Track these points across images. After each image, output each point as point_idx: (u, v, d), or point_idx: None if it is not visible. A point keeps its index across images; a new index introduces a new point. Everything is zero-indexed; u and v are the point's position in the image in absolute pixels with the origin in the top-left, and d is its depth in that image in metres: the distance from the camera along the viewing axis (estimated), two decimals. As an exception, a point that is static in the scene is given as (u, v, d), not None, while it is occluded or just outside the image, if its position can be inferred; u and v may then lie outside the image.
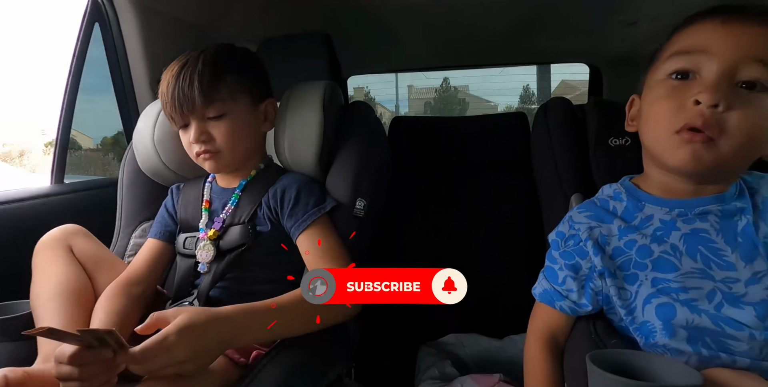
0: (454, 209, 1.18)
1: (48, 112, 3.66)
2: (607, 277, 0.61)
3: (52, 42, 2.48)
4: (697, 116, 0.52)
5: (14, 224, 0.97)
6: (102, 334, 0.47)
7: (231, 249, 0.79)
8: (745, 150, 0.53)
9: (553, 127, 0.86)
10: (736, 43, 0.51)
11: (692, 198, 0.60)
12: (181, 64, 0.78)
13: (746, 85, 0.51)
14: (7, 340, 0.72)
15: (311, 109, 0.86)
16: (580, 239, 0.65)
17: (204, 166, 0.81)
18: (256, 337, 0.61)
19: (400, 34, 1.80)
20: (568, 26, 1.72)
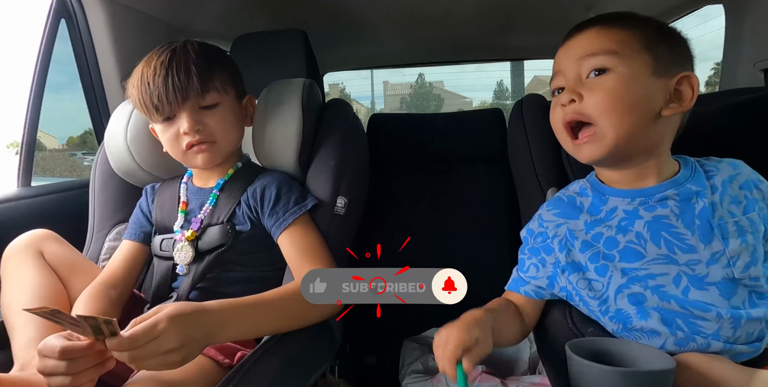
0: (433, 205, 1.20)
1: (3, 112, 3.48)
2: (569, 274, 0.64)
3: (10, 38, 2.36)
4: (567, 114, 0.63)
5: (-21, 229, 0.94)
6: (101, 322, 0.46)
7: (210, 249, 0.78)
8: (619, 119, 0.60)
9: (529, 123, 0.88)
10: (574, 53, 0.63)
11: (649, 186, 0.64)
12: (170, 53, 0.74)
13: (597, 72, 0.61)
14: (-23, 350, 0.69)
15: (290, 107, 0.85)
16: (547, 236, 0.69)
17: (196, 159, 0.77)
18: (239, 331, 0.60)
19: (376, 30, 1.80)
20: (542, 22, 1.75)
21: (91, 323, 0.45)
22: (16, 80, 1.20)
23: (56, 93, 1.23)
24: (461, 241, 1.13)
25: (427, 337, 0.93)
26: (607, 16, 0.65)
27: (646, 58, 0.59)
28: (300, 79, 0.91)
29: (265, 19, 1.55)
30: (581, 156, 0.65)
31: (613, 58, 0.59)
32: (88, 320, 0.45)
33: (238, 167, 0.86)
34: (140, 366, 0.49)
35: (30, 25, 1.16)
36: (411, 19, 1.66)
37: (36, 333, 0.66)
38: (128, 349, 0.48)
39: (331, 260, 0.76)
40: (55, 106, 1.28)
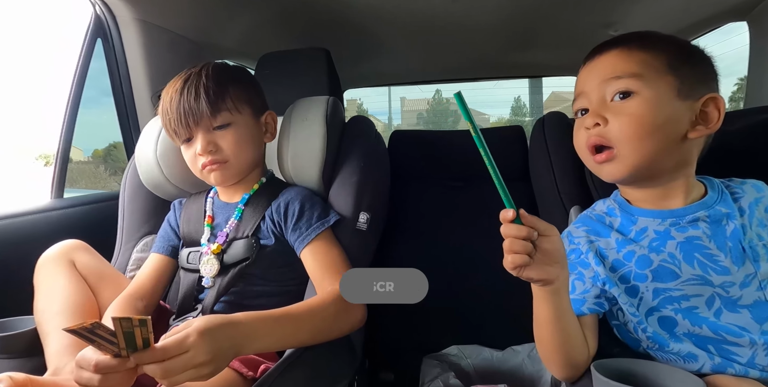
0: (453, 221, 1.20)
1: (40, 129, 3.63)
2: (610, 287, 0.63)
3: (47, 56, 2.49)
4: (590, 137, 0.63)
5: (14, 240, 0.97)
6: (135, 324, 0.47)
7: (235, 263, 0.80)
8: (641, 144, 0.60)
9: (551, 141, 0.88)
10: (597, 75, 0.63)
11: (678, 207, 0.63)
12: (183, 80, 0.79)
13: (622, 96, 0.60)
14: (10, 357, 0.71)
15: (314, 124, 0.87)
16: (581, 252, 0.67)
17: (210, 178, 0.81)
18: (265, 343, 0.61)
19: (396, 48, 1.84)
20: (561, 40, 1.76)
21: (125, 326, 0.47)
22: (49, 95, 1.25)
23: (82, 107, 1.28)
24: (480, 258, 1.13)
25: (448, 355, 0.92)
26: (630, 36, 0.65)
27: (670, 79, 0.59)
28: (324, 96, 0.94)
29: (288, 38, 1.60)
30: (603, 175, 0.65)
31: (638, 80, 0.59)
32: (123, 322, 0.46)
33: (263, 182, 0.88)
34: (172, 381, 0.50)
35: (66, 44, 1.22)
36: (430, 36, 1.69)
37: (68, 340, 0.68)
38: (159, 360, 0.49)
39: None
40: (81, 120, 1.32)
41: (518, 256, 0.48)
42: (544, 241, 0.49)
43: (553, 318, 0.56)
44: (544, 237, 0.49)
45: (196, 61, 1.31)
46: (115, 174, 2.34)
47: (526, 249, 0.48)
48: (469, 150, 1.34)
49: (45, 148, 2.98)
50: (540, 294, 0.55)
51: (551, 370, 0.63)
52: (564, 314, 0.56)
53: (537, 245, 0.49)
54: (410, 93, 11.34)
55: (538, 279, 0.51)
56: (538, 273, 0.50)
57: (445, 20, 1.50)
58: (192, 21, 1.28)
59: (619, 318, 0.66)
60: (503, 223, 0.49)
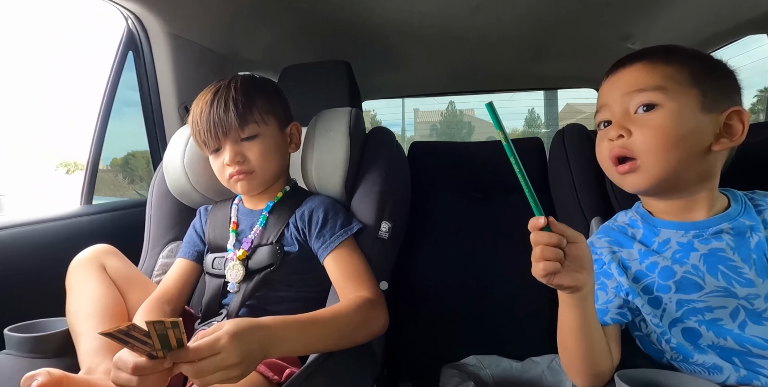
0: (472, 231, 1.20)
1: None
2: (634, 298, 0.63)
3: (68, 68, 2.57)
4: (613, 148, 0.64)
5: (47, 243, 1.01)
6: (168, 327, 0.49)
7: (259, 269, 0.81)
8: (664, 155, 0.60)
9: (571, 152, 0.89)
10: (620, 88, 0.64)
11: (701, 219, 0.63)
12: (213, 92, 0.82)
13: (645, 108, 0.61)
14: (44, 357, 0.73)
15: (338, 134, 0.89)
16: (603, 262, 0.67)
17: (236, 187, 0.84)
18: (290, 347, 0.62)
19: (413, 60, 1.87)
20: (577, 52, 1.77)
21: (159, 329, 0.48)
22: (71, 104, 1.30)
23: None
24: (500, 269, 1.13)
25: (467, 365, 0.92)
26: (653, 50, 0.66)
27: (694, 92, 0.60)
28: (347, 108, 0.96)
29: (309, 50, 1.64)
30: (626, 186, 0.66)
31: (661, 93, 0.60)
32: (156, 325, 0.48)
33: (287, 191, 0.90)
34: (204, 381, 0.51)
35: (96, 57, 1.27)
36: (447, 49, 1.72)
37: (100, 341, 0.70)
38: (192, 360, 0.51)
39: (375, 283, 0.78)
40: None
41: (549, 264, 0.49)
42: (573, 248, 0.50)
43: (579, 325, 0.56)
44: (573, 244, 0.50)
45: (221, 73, 1.36)
46: (133, 182, 2.39)
47: (557, 256, 0.49)
48: (487, 161, 1.37)
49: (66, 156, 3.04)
50: (567, 301, 0.56)
51: (574, 379, 0.63)
52: (590, 322, 0.57)
53: (566, 252, 0.49)
54: (424, 104, 11.41)
55: (568, 286, 0.51)
56: (568, 280, 0.50)
57: (463, 32, 1.52)
58: (218, 34, 1.33)
59: (641, 329, 0.66)
60: (533, 230, 0.50)
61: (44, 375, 0.57)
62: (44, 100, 2.72)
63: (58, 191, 2.99)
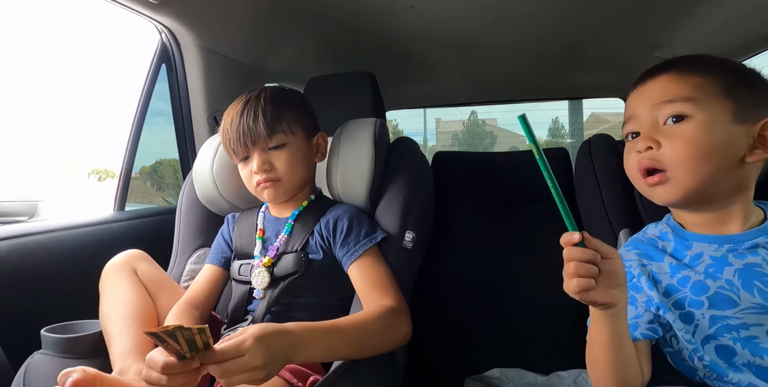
0: (496, 242, 1.19)
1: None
2: (665, 313, 0.61)
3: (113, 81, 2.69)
4: (642, 160, 0.63)
5: (81, 248, 1.05)
6: (194, 333, 0.50)
7: (284, 276, 0.83)
8: (695, 167, 0.59)
9: (598, 163, 0.88)
10: (648, 99, 0.63)
11: (736, 233, 0.62)
12: (243, 103, 0.85)
13: (675, 120, 0.60)
14: (77, 357, 0.76)
15: (363, 144, 0.91)
16: (632, 275, 0.66)
17: (263, 195, 0.86)
18: (313, 353, 0.63)
19: (436, 71, 1.88)
20: (604, 62, 1.76)
21: (186, 335, 0.50)
22: (103, 115, 1.35)
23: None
24: (524, 281, 1.12)
25: (490, 378, 0.91)
26: (682, 60, 0.65)
27: (726, 103, 0.59)
28: (371, 118, 0.98)
29: (333, 61, 1.67)
30: (655, 198, 0.64)
31: (691, 104, 0.59)
32: (184, 332, 0.50)
33: (312, 199, 0.91)
34: (230, 381, 0.53)
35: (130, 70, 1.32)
36: (472, 59, 1.72)
37: (131, 342, 0.73)
38: (218, 361, 0.53)
39: (399, 291, 0.78)
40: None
41: (584, 280, 0.48)
42: (608, 264, 0.49)
43: (611, 342, 0.55)
44: (608, 260, 0.49)
45: (248, 85, 1.40)
46: (160, 189, 2.46)
47: (592, 272, 0.48)
48: (510, 171, 1.36)
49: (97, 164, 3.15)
50: (600, 317, 0.54)
51: None
52: (622, 338, 0.55)
53: (600, 268, 0.48)
54: (445, 114, 11.39)
55: (602, 302, 0.50)
56: (602, 296, 0.49)
57: (487, 43, 1.53)
58: (247, 47, 1.37)
59: (673, 345, 0.64)
60: (566, 246, 0.49)
61: (79, 372, 0.59)
62: (74, 111, 2.85)
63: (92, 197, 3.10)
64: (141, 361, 0.71)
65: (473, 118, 11.74)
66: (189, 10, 1.13)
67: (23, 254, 0.94)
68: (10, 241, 0.94)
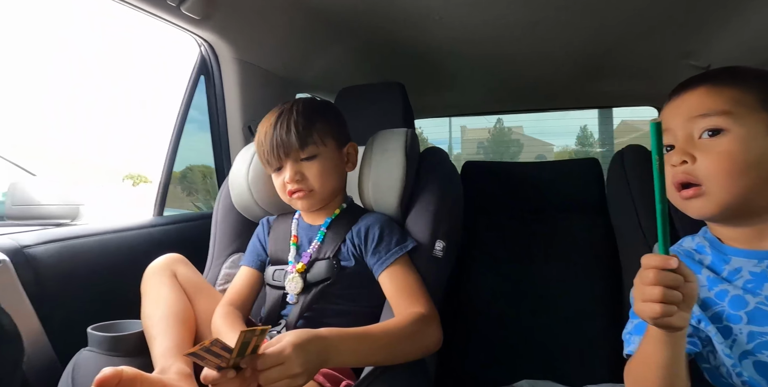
0: (525, 253, 1.19)
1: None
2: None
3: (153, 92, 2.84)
4: (676, 174, 0.62)
5: (123, 250, 1.10)
6: (257, 333, 0.53)
7: (317, 282, 0.85)
8: (731, 182, 0.58)
9: (632, 175, 0.87)
10: (683, 113, 0.63)
11: None
12: (277, 115, 0.88)
13: (711, 133, 0.60)
14: (120, 355, 0.80)
15: (395, 154, 0.92)
16: None
17: (297, 204, 0.88)
18: (345, 359, 0.65)
19: (465, 80, 1.89)
20: (636, 70, 1.73)
21: (248, 337, 0.53)
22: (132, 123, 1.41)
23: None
24: (554, 292, 1.11)
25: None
26: (717, 72, 0.65)
27: (763, 117, 0.58)
28: (403, 129, 0.99)
29: (363, 72, 1.71)
30: (690, 211, 0.64)
31: (727, 118, 0.58)
32: (247, 334, 0.53)
33: (344, 208, 0.93)
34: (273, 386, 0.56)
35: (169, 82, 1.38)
36: (500, 68, 1.73)
37: (171, 343, 0.76)
38: (260, 368, 0.56)
39: (429, 299, 0.79)
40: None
41: (668, 307, 0.46)
42: (688, 288, 0.47)
43: (669, 363, 0.53)
44: (689, 283, 0.47)
45: (282, 95, 1.45)
46: (190, 194, 2.54)
47: (677, 299, 0.46)
48: (540, 182, 1.36)
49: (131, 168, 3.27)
50: (663, 339, 0.52)
51: None
52: (680, 359, 0.53)
53: (682, 292, 0.46)
54: (471, 122, 11.32)
55: (677, 326, 0.48)
56: (678, 321, 0.47)
57: (517, 52, 1.54)
58: (281, 59, 1.42)
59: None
60: (652, 268, 0.47)
61: (120, 372, 0.61)
62: (108, 118, 2.98)
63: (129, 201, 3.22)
64: (181, 361, 0.74)
65: (499, 126, 11.63)
66: (228, 24, 1.18)
67: (72, 255, 1.00)
68: (60, 243, 0.99)
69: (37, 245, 0.94)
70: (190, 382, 0.72)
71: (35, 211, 1.25)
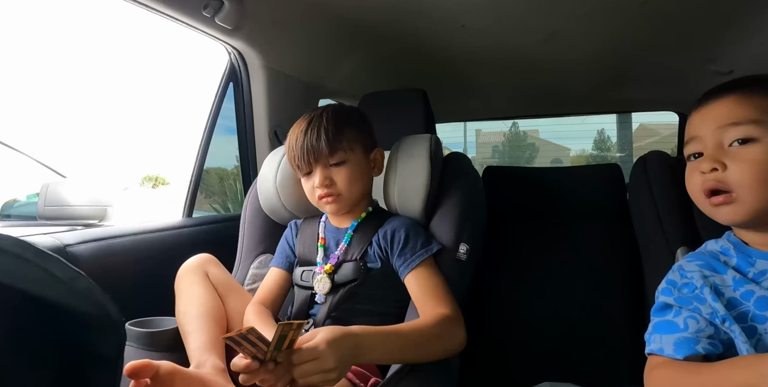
0: (547, 258, 1.20)
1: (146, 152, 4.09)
2: (731, 325, 0.61)
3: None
4: (706, 182, 0.63)
5: (156, 249, 1.15)
6: (294, 327, 0.56)
7: (344, 283, 0.88)
8: (763, 190, 0.59)
9: (654, 180, 0.88)
10: (713, 121, 0.64)
11: None
12: (307, 122, 0.91)
13: (740, 142, 0.60)
14: (156, 350, 0.83)
15: (420, 159, 0.95)
16: (695, 287, 0.65)
17: (325, 208, 0.92)
18: (375, 356, 0.68)
19: (484, 87, 1.91)
20: (658, 76, 1.73)
21: (285, 330, 0.56)
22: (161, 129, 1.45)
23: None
24: (574, 298, 1.12)
25: (541, 391, 0.92)
26: (746, 81, 0.65)
27: None
28: (427, 134, 1.02)
29: (384, 78, 1.74)
30: (719, 217, 0.64)
31: (758, 127, 0.59)
32: (285, 327, 0.55)
33: (370, 211, 0.96)
34: (307, 381, 0.59)
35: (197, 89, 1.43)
36: (520, 75, 1.75)
37: (206, 339, 0.80)
38: (295, 363, 0.58)
39: (454, 301, 0.82)
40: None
41: None
42: None
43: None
44: None
45: (307, 101, 1.49)
46: (208, 197, 2.61)
47: None
48: (562, 187, 1.37)
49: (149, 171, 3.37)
50: (752, 364, 0.51)
51: None
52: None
53: None
54: (486, 125, 11.24)
55: None
56: None
57: (538, 59, 1.55)
58: (307, 66, 1.46)
59: None
60: None
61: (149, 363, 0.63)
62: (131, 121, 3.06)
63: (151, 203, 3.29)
64: (215, 356, 0.78)
65: (514, 130, 11.56)
66: (258, 34, 1.23)
67: (109, 254, 1.04)
68: (98, 242, 1.04)
69: (77, 244, 0.99)
70: (224, 376, 0.75)
71: (67, 212, 1.31)
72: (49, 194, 1.29)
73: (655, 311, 0.68)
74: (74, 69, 10.67)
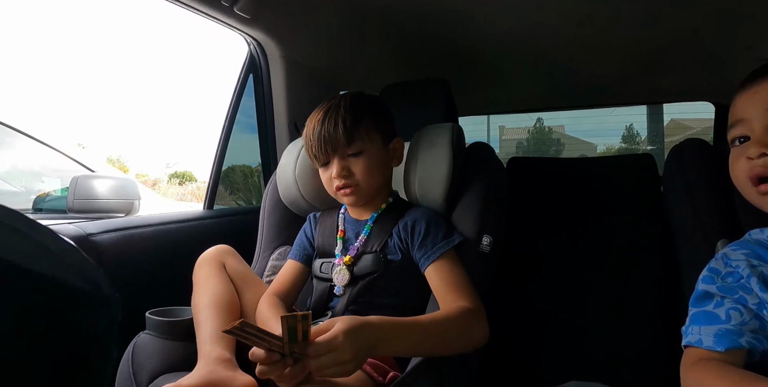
0: (573, 251, 1.16)
1: (173, 148, 4.20)
2: None
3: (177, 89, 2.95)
4: (754, 168, 0.59)
5: (177, 240, 1.16)
6: (299, 319, 0.54)
7: (364, 275, 0.86)
8: None
9: (691, 169, 0.83)
10: (762, 101, 0.60)
11: None
12: (324, 111, 0.89)
13: None
14: (177, 340, 0.84)
15: (441, 149, 0.92)
16: (740, 276, 0.60)
17: (343, 199, 0.90)
18: (394, 348, 0.65)
19: (509, 77, 1.86)
20: (691, 63, 1.65)
21: (290, 322, 0.54)
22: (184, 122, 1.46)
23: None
24: (602, 291, 1.07)
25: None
26: None
27: None
28: (449, 123, 0.99)
29: (405, 68, 1.71)
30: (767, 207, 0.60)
31: None
32: (289, 320, 0.53)
33: (390, 202, 0.94)
34: (323, 373, 0.57)
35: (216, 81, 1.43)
36: (548, 63, 1.69)
37: (215, 328, 0.79)
38: (312, 355, 0.56)
39: (476, 294, 0.78)
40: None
41: None
42: None
43: None
44: None
45: (326, 92, 1.47)
46: (232, 193, 2.64)
47: None
48: (588, 179, 1.31)
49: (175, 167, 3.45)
50: None
51: None
52: None
53: None
54: (509, 121, 11.05)
55: None
56: None
57: (567, 46, 1.50)
58: (327, 56, 1.44)
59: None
60: None
61: None
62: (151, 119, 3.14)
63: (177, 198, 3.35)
64: (221, 346, 0.76)
65: (539, 126, 11.33)
66: (278, 23, 1.21)
67: (131, 244, 1.05)
68: (119, 232, 1.05)
69: (100, 234, 1.00)
70: (230, 365, 0.74)
71: (95, 205, 1.33)
72: (78, 188, 1.32)
73: (694, 301, 0.63)
74: (106, 65, 10.97)
